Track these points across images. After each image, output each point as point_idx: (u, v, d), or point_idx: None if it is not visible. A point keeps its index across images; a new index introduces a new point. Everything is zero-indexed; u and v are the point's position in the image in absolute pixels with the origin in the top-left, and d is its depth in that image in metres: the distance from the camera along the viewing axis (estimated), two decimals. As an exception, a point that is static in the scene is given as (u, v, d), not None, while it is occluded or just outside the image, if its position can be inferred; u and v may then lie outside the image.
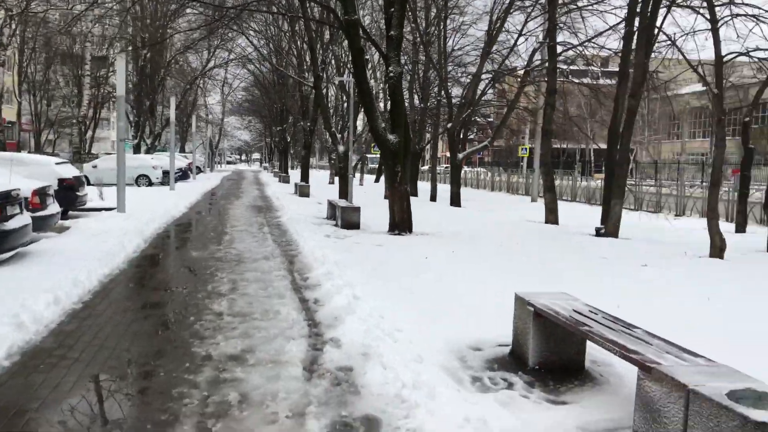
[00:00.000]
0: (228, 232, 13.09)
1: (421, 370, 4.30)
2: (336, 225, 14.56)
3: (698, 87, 47.46)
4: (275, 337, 5.37)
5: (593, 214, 20.25)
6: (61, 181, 15.18)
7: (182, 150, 57.37)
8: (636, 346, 3.51)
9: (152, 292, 7.19)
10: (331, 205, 16.20)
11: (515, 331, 4.90)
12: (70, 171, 15.91)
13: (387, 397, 3.90)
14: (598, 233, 13.57)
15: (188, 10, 38.16)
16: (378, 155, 44.56)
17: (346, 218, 14.15)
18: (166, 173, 28.60)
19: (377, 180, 44.71)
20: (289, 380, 4.30)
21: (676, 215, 20.79)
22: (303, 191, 25.78)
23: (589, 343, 4.53)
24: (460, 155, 22.66)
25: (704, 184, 31.13)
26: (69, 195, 15.37)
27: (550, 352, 4.58)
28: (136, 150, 38.87)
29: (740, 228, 14.86)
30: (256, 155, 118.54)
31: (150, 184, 29.33)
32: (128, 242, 10.29)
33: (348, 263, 8.87)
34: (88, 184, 25.46)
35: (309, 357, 4.84)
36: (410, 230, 13.33)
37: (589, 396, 4.01)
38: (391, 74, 12.87)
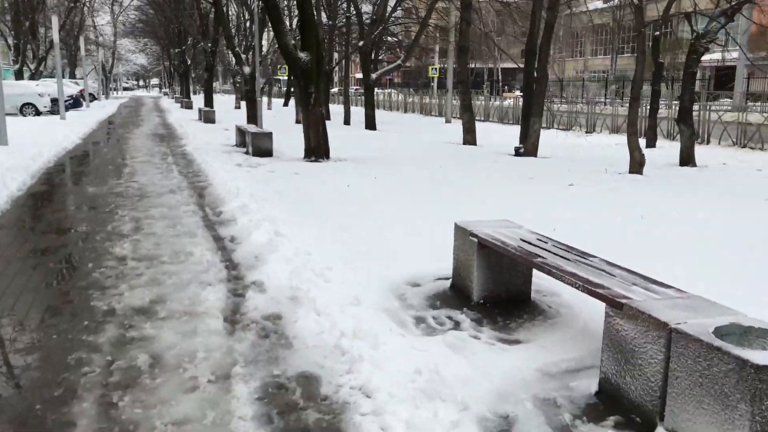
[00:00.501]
0: (128, 164, 11.98)
1: (359, 314, 3.85)
2: (247, 153, 13.69)
3: (600, 3, 48.15)
4: (189, 283, 4.76)
5: (509, 134, 20.26)
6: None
7: (72, 76, 52.88)
8: (599, 279, 3.18)
9: (42, 237, 6.31)
10: (240, 132, 15.22)
11: (456, 263, 4.52)
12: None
13: (325, 349, 3.43)
14: (518, 152, 13.45)
15: None
16: (286, 77, 42.76)
17: (258, 145, 13.31)
18: (55, 101, 26.12)
19: (286, 103, 43.15)
20: (208, 335, 3.74)
21: (587, 132, 21.13)
22: (208, 117, 24.32)
23: (534, 271, 4.23)
24: (374, 75, 21.87)
25: (608, 100, 31.95)
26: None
27: (495, 284, 4.25)
28: (19, 76, 35.33)
29: (651, 143, 15.20)
30: (154, 80, 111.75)
31: (37, 113, 26.78)
32: (11, 180, 9.11)
33: (265, 195, 8.21)
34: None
35: (230, 305, 4.28)
36: (327, 156, 12.70)
37: (542, 332, 3.71)
38: (300, -13, 11.84)
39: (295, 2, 11.89)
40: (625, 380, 2.83)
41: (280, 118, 26.48)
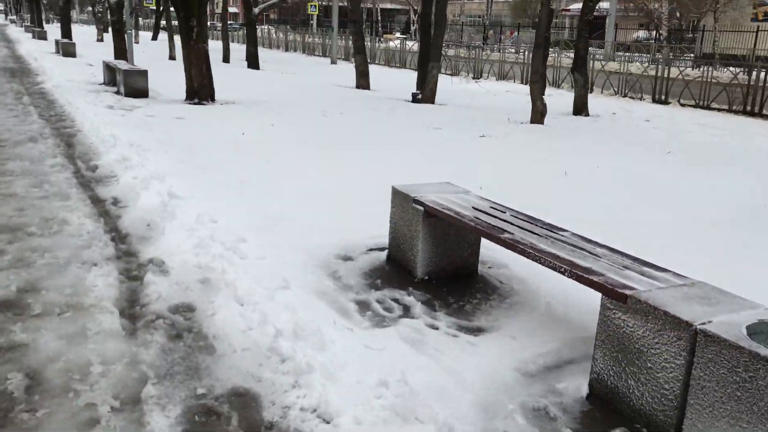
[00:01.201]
0: (-27, 104, 10.22)
1: (292, 301, 3.21)
2: (118, 93, 12.19)
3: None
4: (68, 263, 3.85)
5: (399, 78, 19.75)
6: None
7: None
8: (585, 262, 2.75)
9: None
10: (110, 68, 13.53)
11: (394, 233, 3.97)
12: None
13: (258, 354, 2.78)
14: (415, 99, 12.97)
15: None
16: (154, 6, 39.28)
17: (131, 84, 11.86)
18: None
19: (155, 37, 39.90)
20: (103, 339, 2.95)
21: (474, 78, 21.05)
22: (67, 50, 21.68)
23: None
24: (256, 10, 20.35)
25: (487, 45, 32.21)
26: None
27: (440, 257, 3.75)
28: None
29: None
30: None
31: None
32: None
33: (147, 144, 7.16)
34: None
35: (125, 294, 3.47)
36: (213, 98, 11.55)
37: (504, 317, 3.27)
38: None
39: None
40: (627, 384, 2.44)
41: (151, 54, 24.18)
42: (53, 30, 40.11)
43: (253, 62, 20.37)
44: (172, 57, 22.37)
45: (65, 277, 3.65)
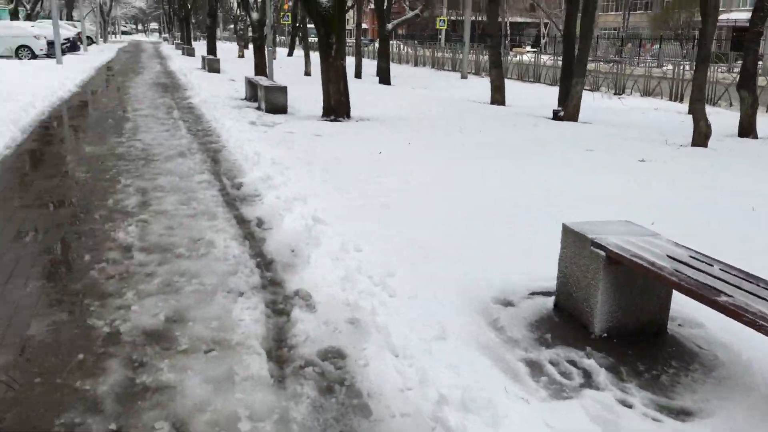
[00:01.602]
0: (130, 117, 10.81)
1: (452, 357, 2.83)
2: (259, 108, 12.50)
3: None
4: (215, 291, 3.71)
5: (535, 93, 19.02)
6: None
7: (69, 18, 50.86)
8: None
9: (28, 212, 5.24)
10: (252, 84, 13.97)
11: (563, 278, 3.47)
12: None
13: (422, 425, 2.41)
14: (556, 116, 12.27)
15: None
16: (290, 23, 40.88)
17: (272, 100, 12.10)
18: (51, 44, 24.65)
19: (290, 53, 41.45)
20: (251, 388, 2.70)
21: (615, 94, 19.83)
22: (212, 66, 22.90)
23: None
24: (390, 25, 20.41)
25: (627, 59, 30.40)
26: None
27: (623, 312, 3.21)
28: (14, 17, 33.66)
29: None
30: (153, 25, 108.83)
31: (33, 56, 25.42)
32: (-3, 136, 8.00)
33: (288, 162, 7.11)
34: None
35: (272, 331, 3.24)
36: (348, 115, 11.53)
37: (715, 397, 2.68)
38: None
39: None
40: None
41: (288, 69, 25.01)
42: (200, 47, 42.94)
43: (384, 78, 20.44)
44: (307, 73, 22.98)
45: (212, 307, 3.48)
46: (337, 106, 11.33)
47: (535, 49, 52.15)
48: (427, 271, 3.96)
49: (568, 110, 12.11)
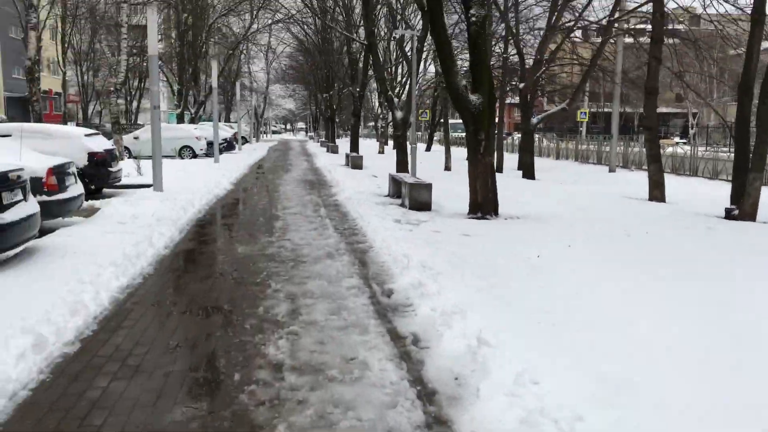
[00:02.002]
0: (280, 215, 11.01)
1: None
2: (403, 205, 12.35)
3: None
4: (373, 430, 3.21)
5: (694, 188, 17.58)
6: (91, 155, 13.45)
7: (227, 120, 55.83)
8: None
9: (180, 320, 5.13)
10: (395, 181, 13.96)
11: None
12: (101, 144, 14.08)
13: None
14: (729, 215, 11.00)
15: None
16: (429, 120, 41.94)
17: (416, 197, 11.91)
18: (210, 144, 26.81)
19: (428, 148, 42.21)
20: None
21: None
22: (355, 163, 23.58)
23: None
24: (534, 120, 20.04)
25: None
26: (100, 171, 13.63)
27: None
28: (180, 120, 37.34)
29: None
30: (300, 124, 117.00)
31: (194, 155, 27.67)
32: (159, 235, 8.29)
33: (439, 266, 6.65)
34: (130, 156, 23.87)
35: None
36: (496, 213, 11.03)
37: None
38: (473, 18, 10.42)
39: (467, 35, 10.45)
40: None
41: (427, 165, 25.23)
42: (343, 143, 45.12)
43: (528, 172, 19.89)
44: (447, 168, 23.01)
45: (372, 454, 2.98)
46: (484, 203, 10.90)
47: (683, 140, 49.54)
48: (622, 417, 3.22)
49: (743, 209, 10.82)
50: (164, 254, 7.67)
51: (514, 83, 28.46)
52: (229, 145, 34.36)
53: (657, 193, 13.82)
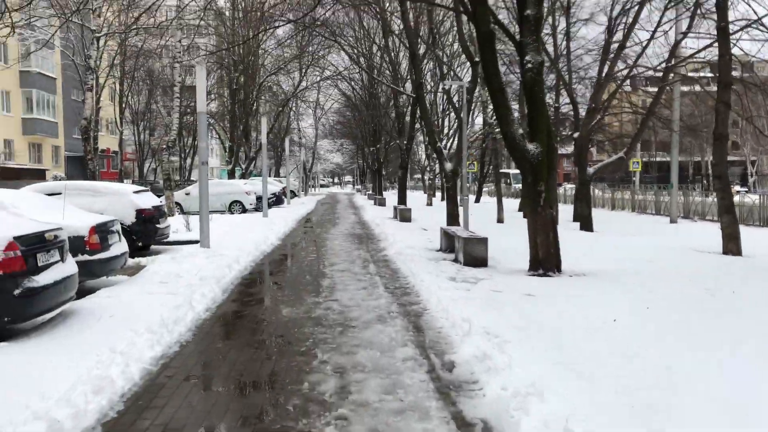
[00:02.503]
0: (327, 272, 10.47)
1: None
2: (456, 261, 11.66)
3: None
4: None
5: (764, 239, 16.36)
6: (139, 212, 13.30)
7: (276, 174, 56.55)
8: None
9: (218, 398, 4.54)
10: (448, 235, 13.30)
11: None
12: (149, 201, 13.96)
13: None
14: (822, 270, 9.92)
15: (279, 31, 37.01)
16: (477, 171, 41.32)
17: (471, 252, 11.21)
18: (259, 199, 26.81)
19: (478, 199, 41.45)
20: None
21: None
22: (404, 216, 23.03)
23: None
24: (591, 169, 19.22)
25: None
26: (148, 228, 13.45)
27: None
28: (230, 176, 37.79)
29: None
30: (348, 177, 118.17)
31: (243, 210, 27.70)
32: (200, 297, 7.83)
33: (505, 333, 5.93)
34: (181, 212, 23.98)
35: None
36: (559, 269, 10.23)
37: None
38: (529, 65, 9.90)
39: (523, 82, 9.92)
40: None
41: (478, 217, 24.52)
42: (389, 196, 44.87)
43: (585, 224, 18.96)
44: (500, 220, 22.22)
45: None
46: (546, 259, 10.13)
47: (744, 189, 47.54)
48: None
49: (839, 262, 9.73)
50: (205, 318, 7.16)
51: (565, 133, 27.87)
52: (278, 200, 34.45)
53: (732, 246, 12.74)
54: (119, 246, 9.72)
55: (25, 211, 8.63)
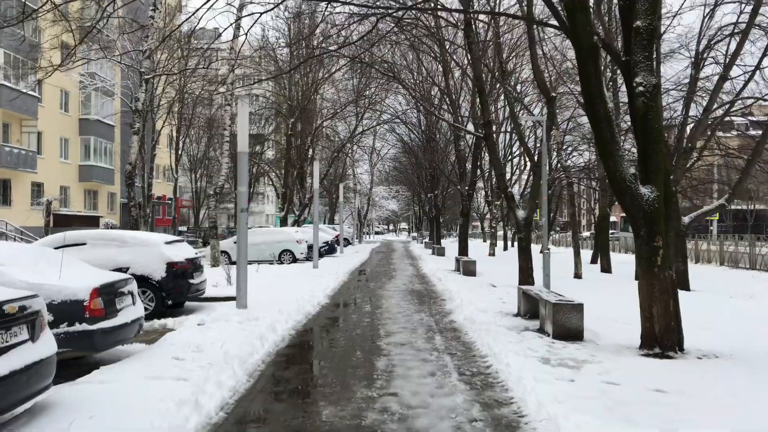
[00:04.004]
0: (382, 347, 8.39)
1: None
2: (542, 331, 9.44)
3: None
4: None
5: None
6: (170, 265, 11.70)
7: (331, 221, 55.21)
8: None
9: None
10: (528, 298, 11.03)
11: None
12: (183, 252, 12.30)
13: None
14: None
15: (337, 75, 36.07)
16: (539, 218, 38.78)
17: (562, 322, 8.98)
18: (311, 247, 25.11)
19: (542, 250, 38.74)
20: None
21: None
22: (468, 269, 20.80)
23: None
24: (686, 219, 16.65)
25: None
26: (179, 283, 11.80)
27: None
28: (283, 223, 36.47)
29: None
30: (403, 225, 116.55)
31: (294, 260, 26.03)
32: (215, 387, 5.90)
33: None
34: (229, 262, 22.37)
35: None
36: (681, 347, 7.91)
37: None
38: (641, 89, 7.82)
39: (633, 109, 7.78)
40: None
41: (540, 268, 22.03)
42: (447, 244, 42.60)
43: (682, 281, 16.27)
44: (577, 275, 19.71)
45: None
46: (665, 334, 7.81)
47: None
48: None
49: None
50: (216, 422, 5.20)
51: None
52: (330, 248, 32.75)
53: None
54: (131, 311, 7.95)
55: (10, 269, 6.97)
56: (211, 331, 8.93)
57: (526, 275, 16.14)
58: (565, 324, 8.95)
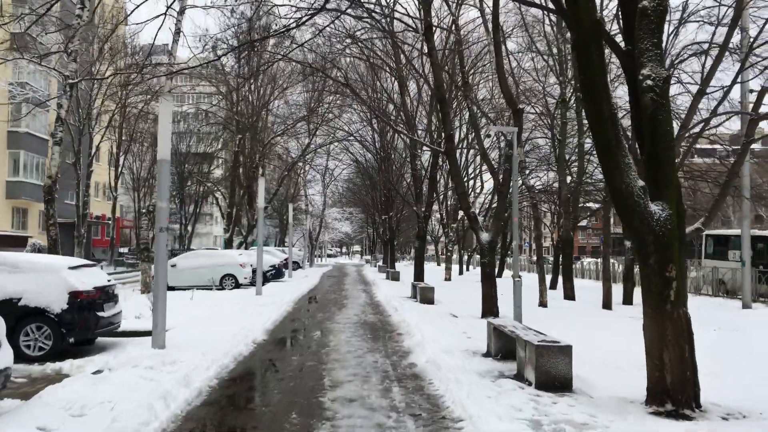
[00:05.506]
0: (326, 407, 6.56)
1: None
2: (520, 378, 7.80)
3: None
4: None
5: None
6: (73, 295, 9.68)
7: (281, 243, 53.00)
8: None
9: None
10: (500, 334, 9.37)
11: None
12: (93, 280, 10.27)
13: None
14: None
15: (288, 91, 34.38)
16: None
17: (548, 369, 7.38)
18: (256, 271, 23.03)
19: (499, 274, 37.45)
20: None
21: None
22: (425, 296, 19.03)
23: None
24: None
25: None
26: (85, 317, 9.78)
27: None
28: (228, 245, 34.18)
29: None
30: (356, 247, 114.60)
31: (237, 285, 23.82)
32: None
33: None
34: (169, 289, 20.07)
35: None
36: (698, 403, 6.37)
37: None
38: (648, 82, 6.36)
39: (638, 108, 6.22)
40: None
41: (508, 296, 20.53)
42: (402, 268, 40.79)
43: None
44: (542, 303, 18.22)
45: None
46: (679, 387, 6.27)
47: None
48: None
49: None
50: None
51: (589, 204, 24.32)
52: (277, 272, 30.62)
53: None
54: (-10, 361, 5.96)
55: None
56: (107, 383, 6.97)
57: (490, 304, 14.60)
58: (551, 371, 7.32)
